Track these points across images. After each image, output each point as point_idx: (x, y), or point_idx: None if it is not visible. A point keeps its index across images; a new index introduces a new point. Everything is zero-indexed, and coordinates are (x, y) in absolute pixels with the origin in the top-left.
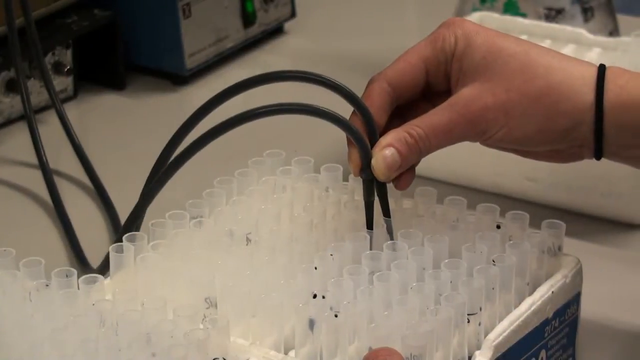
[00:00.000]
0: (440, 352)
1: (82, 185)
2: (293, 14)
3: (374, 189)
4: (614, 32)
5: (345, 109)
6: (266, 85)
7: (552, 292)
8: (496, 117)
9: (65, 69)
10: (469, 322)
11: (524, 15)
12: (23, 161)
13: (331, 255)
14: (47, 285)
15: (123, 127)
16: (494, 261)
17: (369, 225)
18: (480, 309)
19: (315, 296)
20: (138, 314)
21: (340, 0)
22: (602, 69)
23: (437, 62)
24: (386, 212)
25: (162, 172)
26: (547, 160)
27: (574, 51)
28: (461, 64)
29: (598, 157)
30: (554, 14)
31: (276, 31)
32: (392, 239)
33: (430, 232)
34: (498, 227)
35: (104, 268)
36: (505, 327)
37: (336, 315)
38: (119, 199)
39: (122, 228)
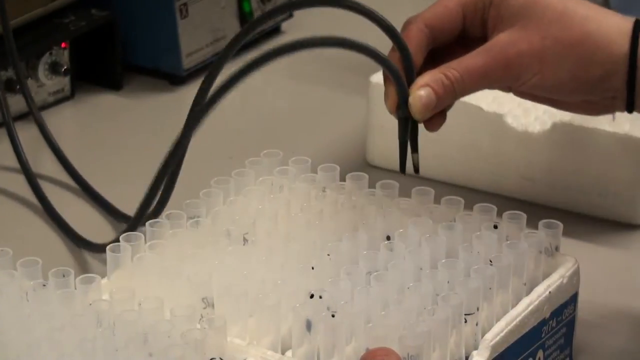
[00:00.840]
0: (437, 352)
1: (69, 188)
2: (290, 14)
3: (408, 128)
4: None
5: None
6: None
7: (550, 292)
8: (530, 63)
9: (63, 69)
10: (466, 322)
11: None
12: (10, 166)
13: (328, 255)
14: (44, 285)
15: (120, 127)
16: (491, 261)
17: (402, 164)
18: (478, 309)
19: (312, 296)
20: (135, 314)
21: None
22: (638, 22)
23: (474, 8)
24: (415, 149)
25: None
26: (579, 112)
27: None
28: (499, 11)
29: (630, 110)
30: None
31: (273, 31)
32: (417, 172)
33: (427, 232)
34: (495, 227)
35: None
36: (503, 327)
37: (333, 315)
38: (116, 199)
39: (160, 198)
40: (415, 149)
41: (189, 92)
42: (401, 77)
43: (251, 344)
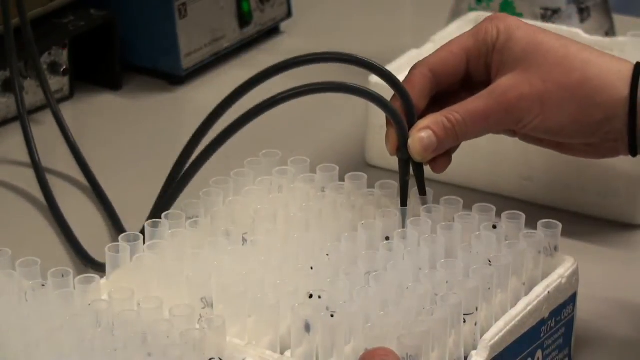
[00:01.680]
0: (436, 352)
1: (79, 185)
2: (289, 14)
3: (409, 169)
4: (610, 32)
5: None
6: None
7: (549, 292)
8: (531, 106)
9: (62, 69)
10: (465, 322)
11: (520, 15)
12: (20, 161)
13: (327, 255)
14: (43, 286)
15: (119, 127)
16: (490, 261)
17: (403, 204)
18: (477, 309)
19: (311, 296)
20: (134, 313)
21: (336, 0)
22: (639, 65)
23: (478, 53)
24: (422, 191)
25: (200, 154)
26: (584, 156)
27: None
28: (502, 56)
29: (633, 154)
30: (550, 14)
31: (272, 31)
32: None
33: (426, 232)
34: (494, 227)
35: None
36: (502, 327)
37: (332, 315)
38: (116, 199)
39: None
40: (422, 192)
41: (188, 92)
42: (401, 119)
43: (250, 344)
